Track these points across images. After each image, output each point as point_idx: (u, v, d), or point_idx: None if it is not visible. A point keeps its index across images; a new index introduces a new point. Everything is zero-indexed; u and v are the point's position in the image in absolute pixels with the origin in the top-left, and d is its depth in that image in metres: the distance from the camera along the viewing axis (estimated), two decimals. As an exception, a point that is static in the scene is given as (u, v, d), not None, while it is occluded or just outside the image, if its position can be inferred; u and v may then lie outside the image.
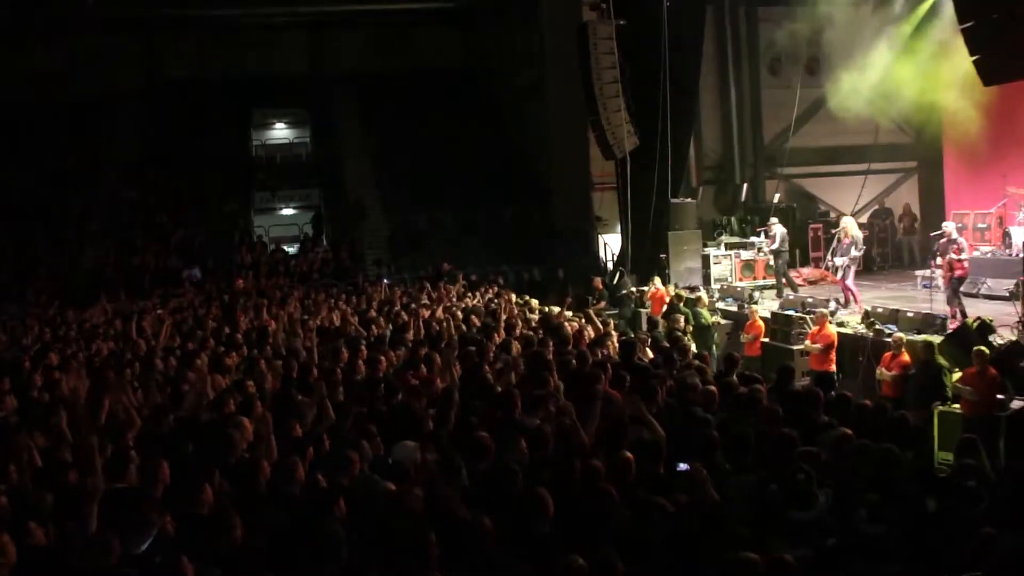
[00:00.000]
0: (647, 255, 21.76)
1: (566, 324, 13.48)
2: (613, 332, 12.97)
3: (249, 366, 10.68)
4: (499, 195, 27.82)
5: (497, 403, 8.31)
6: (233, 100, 31.10)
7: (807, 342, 14.20)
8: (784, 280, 19.65)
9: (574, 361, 10.28)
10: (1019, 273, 15.01)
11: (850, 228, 17.32)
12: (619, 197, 23.12)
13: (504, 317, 13.76)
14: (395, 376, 9.98)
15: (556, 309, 15.66)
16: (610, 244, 26.04)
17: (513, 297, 17.57)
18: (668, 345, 11.89)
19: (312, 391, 8.97)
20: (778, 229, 19.73)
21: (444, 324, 13.43)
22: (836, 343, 13.76)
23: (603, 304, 19.24)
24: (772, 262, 20.30)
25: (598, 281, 20.42)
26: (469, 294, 18.56)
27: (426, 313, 14.92)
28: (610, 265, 24.94)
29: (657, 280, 19.26)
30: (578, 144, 25.62)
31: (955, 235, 15.49)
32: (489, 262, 24.78)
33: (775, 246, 19.62)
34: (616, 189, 23.53)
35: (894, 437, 7.41)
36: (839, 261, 17.12)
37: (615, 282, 21.15)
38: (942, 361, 11.72)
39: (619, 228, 23.81)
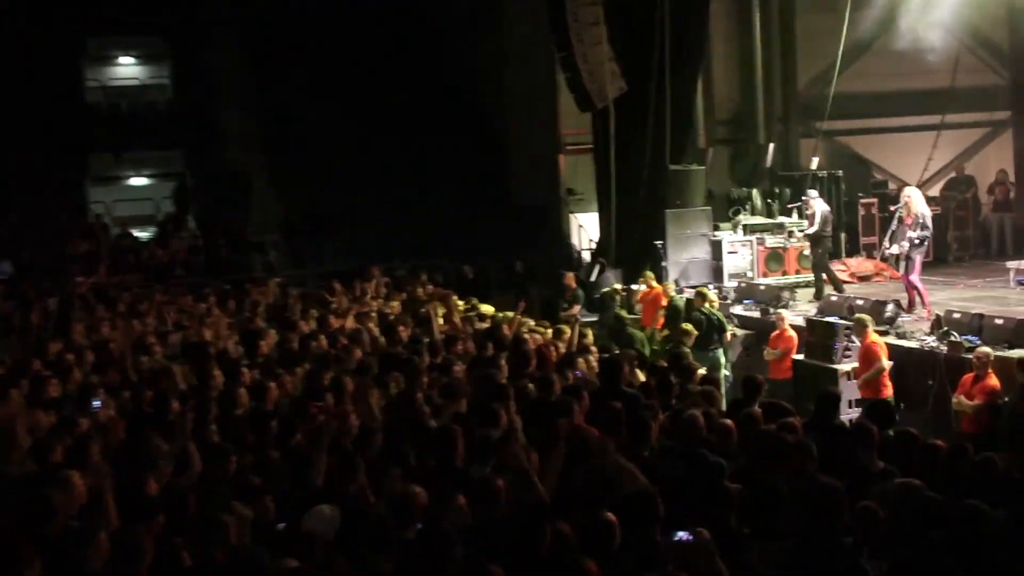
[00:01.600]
0: (637, 242, 21.86)
1: (526, 336, 13.52)
2: (591, 347, 12.97)
3: (84, 397, 10.57)
4: (436, 162, 27.77)
5: (432, 446, 8.32)
6: (58, 23, 30.42)
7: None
8: (825, 276, 19.86)
9: (536, 387, 10.31)
10: None
11: (915, 203, 17.44)
12: (598, 163, 23.21)
13: (442, 327, 13.74)
14: (291, 409, 10.01)
15: (513, 316, 15.66)
16: (586, 227, 26.16)
17: (455, 300, 17.62)
18: (666, 365, 11.91)
19: (173, 430, 8.89)
20: (818, 206, 19.89)
21: (358, 337, 13.39)
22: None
23: (577, 309, 19.29)
24: (809, 251, 20.48)
25: (570, 277, 20.46)
26: (394, 296, 18.58)
27: (335, 322, 14.88)
28: (587, 256, 25.03)
29: (649, 276, 19.35)
30: (543, 91, 25.70)
31: None
32: (422, 252, 24.77)
33: (814, 229, 19.79)
34: (594, 152, 23.58)
35: (978, 489, 7.47)
36: (899, 248, 17.33)
37: (593, 279, 21.22)
38: None
39: (598, 205, 23.90)
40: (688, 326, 15.69)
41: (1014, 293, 18.19)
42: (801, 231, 20.65)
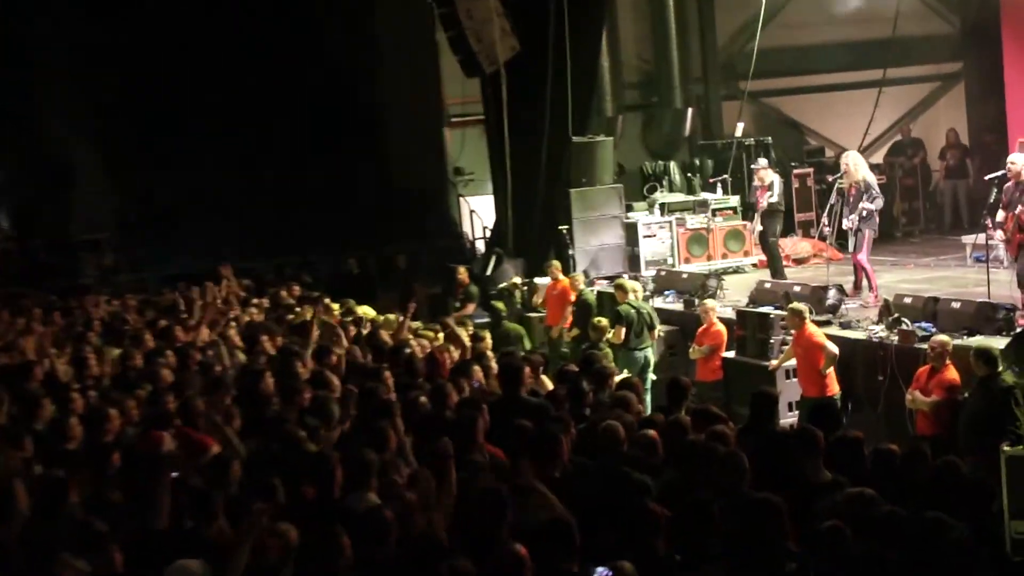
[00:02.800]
0: (538, 228, 22.03)
1: (413, 342, 13.57)
2: (489, 352, 13.03)
3: None
4: (300, 141, 27.45)
5: (307, 474, 8.27)
6: None
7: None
8: (776, 257, 20.17)
9: (427, 400, 10.31)
10: None
11: (857, 168, 17.52)
12: (490, 137, 23.35)
13: (313, 335, 13.64)
14: (136, 439, 9.87)
15: (396, 318, 15.68)
16: (479, 211, 26.29)
17: (329, 302, 17.53)
18: (577, 369, 11.98)
19: (-10, 471, 8.72)
20: (773, 176, 20.09)
21: (215, 351, 13.32)
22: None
23: (471, 308, 19.43)
24: (759, 228, 20.34)
25: (463, 272, 20.53)
26: (255, 300, 18.47)
27: (184, 335, 14.71)
28: (481, 246, 25.12)
29: (556, 266, 19.46)
30: (421, 53, 25.75)
31: None
32: (287, 248, 24.65)
33: (775, 199, 19.78)
34: (485, 124, 23.64)
35: (938, 498, 7.58)
36: (849, 222, 17.39)
37: (489, 272, 21.30)
38: (1009, 378, 11.67)
39: (492, 186, 24.04)
40: (602, 322, 15.76)
41: (972, 272, 18.37)
42: (764, 202, 19.91)
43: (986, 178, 16.98)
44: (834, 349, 13.86)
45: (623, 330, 16.13)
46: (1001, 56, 23.64)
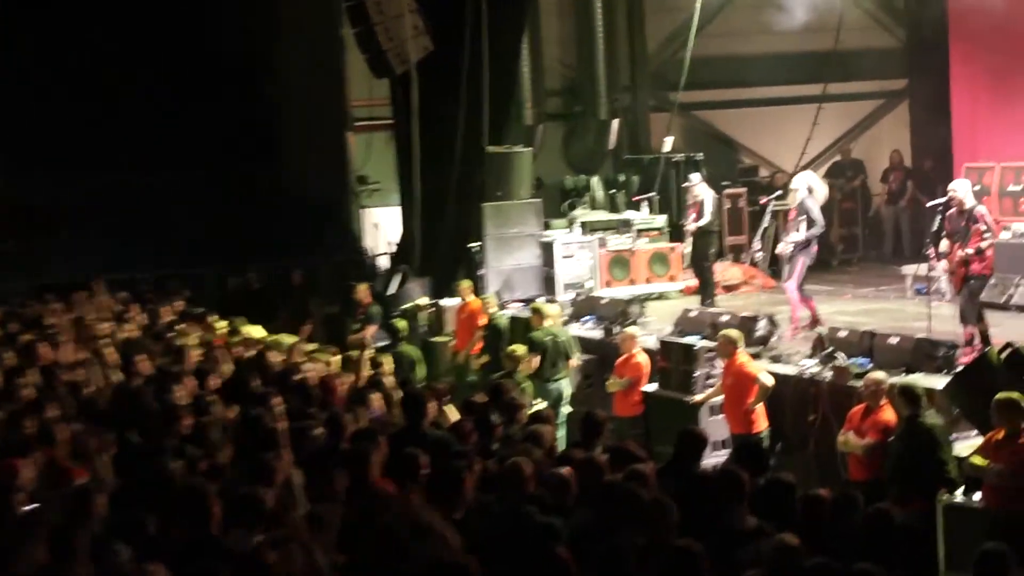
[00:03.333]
0: (448, 244, 22.01)
1: (306, 367, 13.54)
2: (389, 378, 13.02)
3: None
4: (185, 141, 27.16)
5: (183, 511, 8.19)
6: None
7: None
8: (709, 282, 20.21)
9: (321, 431, 10.31)
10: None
11: (810, 192, 17.59)
12: (398, 143, 23.33)
13: (192, 356, 13.64)
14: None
15: (290, 340, 15.70)
16: (383, 224, 26.22)
17: (214, 320, 17.57)
18: (485, 400, 11.98)
19: None
20: (705, 193, 20.16)
21: (84, 371, 13.19)
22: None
23: (372, 330, 19.29)
24: (691, 249, 20.40)
25: (363, 290, 20.44)
26: (130, 315, 18.33)
27: (48, 353, 14.51)
28: (384, 262, 25.06)
29: (466, 287, 19.47)
30: (325, 49, 25.66)
31: (971, 202, 15.28)
32: (169, 260, 24.45)
33: (707, 220, 19.93)
34: (393, 129, 23.60)
35: (871, 548, 7.65)
36: (784, 247, 17.48)
37: (392, 291, 21.39)
38: (932, 418, 11.90)
39: (400, 197, 24.02)
40: (519, 349, 15.60)
41: (912, 305, 18.42)
42: (691, 225, 20.39)
43: (929, 204, 17.27)
44: (768, 381, 13.85)
45: (537, 358, 16.07)
46: (948, 73, 23.86)
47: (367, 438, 9.74)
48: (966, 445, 11.73)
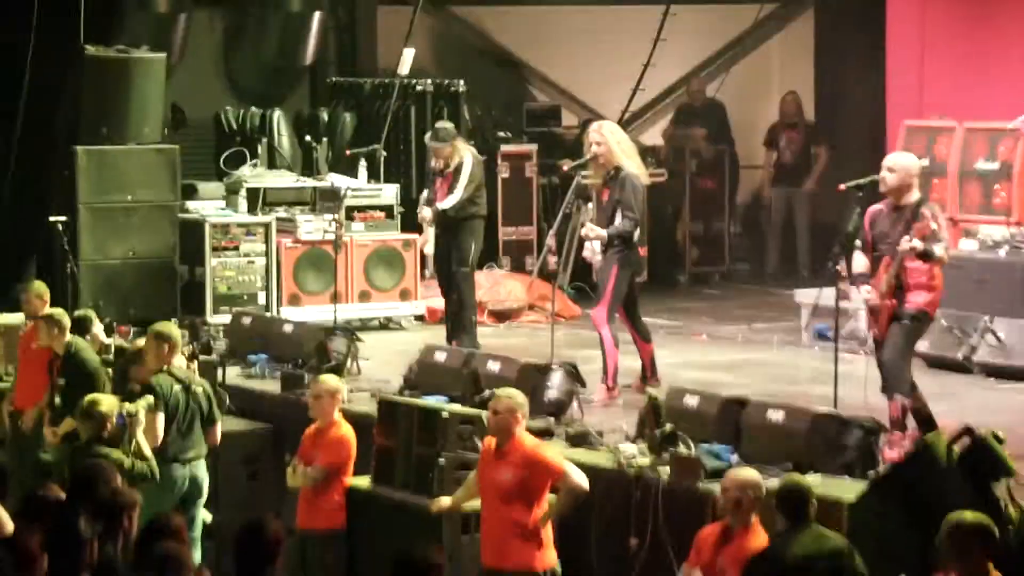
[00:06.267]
0: (8, 216, 17.53)
1: None
2: None
3: None
4: None
5: None
6: None
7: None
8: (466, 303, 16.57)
9: None
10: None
11: (613, 153, 14.04)
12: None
13: None
14: None
15: None
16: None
17: None
18: (69, 494, 9.22)
19: None
20: (466, 152, 16.04)
21: None
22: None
23: None
24: (431, 246, 16.63)
25: None
26: None
27: None
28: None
29: (36, 292, 14.85)
30: None
31: (915, 194, 12.11)
32: None
33: (458, 198, 15.71)
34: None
35: None
36: (590, 252, 14.30)
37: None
38: (856, 558, 9.18)
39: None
40: (102, 404, 11.32)
41: (809, 357, 15.33)
42: (426, 206, 16.12)
43: (842, 187, 13.26)
44: (579, 480, 10.39)
45: (159, 422, 11.96)
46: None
47: None
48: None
